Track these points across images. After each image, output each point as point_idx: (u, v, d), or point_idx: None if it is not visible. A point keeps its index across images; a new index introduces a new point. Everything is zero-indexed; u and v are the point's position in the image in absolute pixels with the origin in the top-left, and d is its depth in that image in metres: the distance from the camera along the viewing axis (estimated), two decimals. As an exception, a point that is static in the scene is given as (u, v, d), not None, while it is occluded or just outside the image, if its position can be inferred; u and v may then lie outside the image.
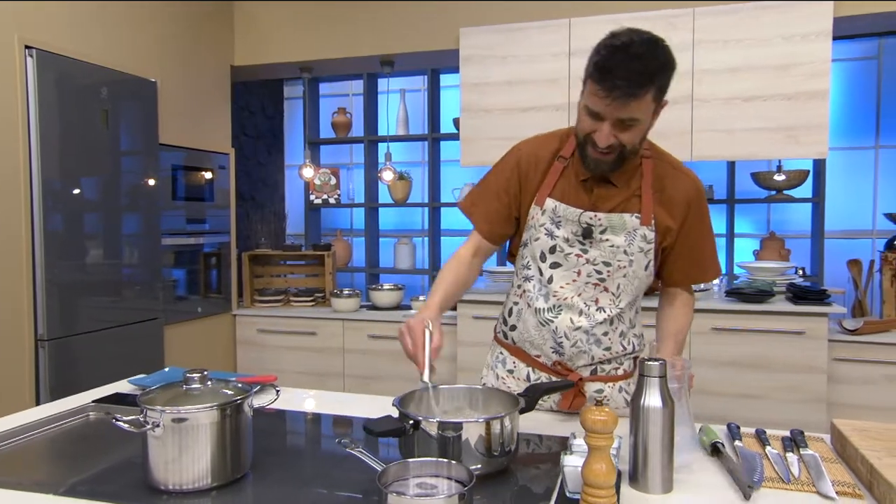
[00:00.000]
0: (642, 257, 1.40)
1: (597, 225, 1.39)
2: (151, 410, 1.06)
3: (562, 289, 1.42)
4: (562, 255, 1.42)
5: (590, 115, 1.27)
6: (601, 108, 1.24)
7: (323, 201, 4.79)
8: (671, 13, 3.01)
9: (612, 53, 1.21)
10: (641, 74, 1.20)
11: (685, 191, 1.41)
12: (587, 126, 1.29)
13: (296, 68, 3.91)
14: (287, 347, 3.74)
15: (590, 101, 1.26)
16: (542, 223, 1.42)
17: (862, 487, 1.09)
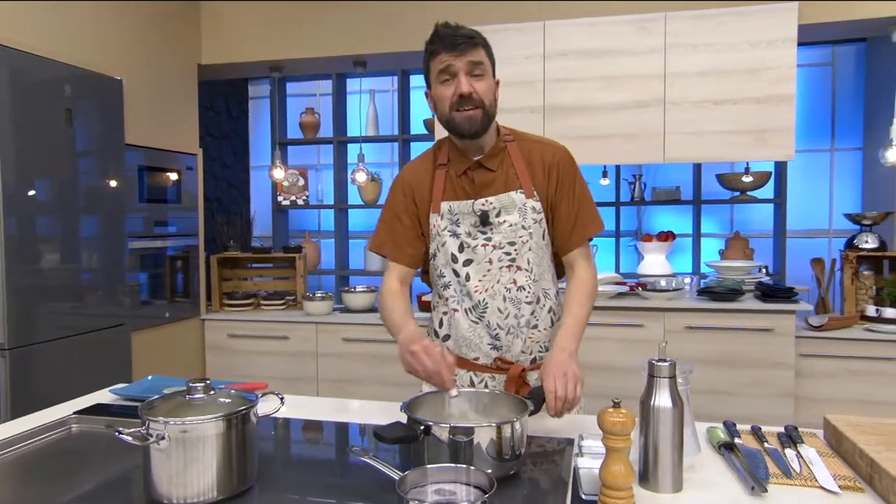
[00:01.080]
0: (538, 228, 1.50)
1: (490, 209, 1.48)
2: (155, 422, 1.02)
3: (480, 282, 1.49)
4: (470, 251, 1.49)
5: (445, 80, 1.43)
6: (452, 62, 1.40)
7: (291, 203, 4.72)
8: (644, 17, 3.07)
9: (435, 32, 1.44)
10: (469, 30, 1.44)
11: (551, 156, 1.52)
12: (448, 93, 1.43)
13: (265, 67, 3.84)
14: (258, 352, 3.66)
15: (439, 66, 1.42)
16: (444, 227, 1.51)
17: (861, 481, 1.13)
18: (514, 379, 1.48)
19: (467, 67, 1.41)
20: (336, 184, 4.56)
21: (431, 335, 1.62)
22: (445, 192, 1.52)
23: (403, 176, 1.59)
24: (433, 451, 1.13)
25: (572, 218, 1.51)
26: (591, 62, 3.13)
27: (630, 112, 3.09)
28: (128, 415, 1.51)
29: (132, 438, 1.00)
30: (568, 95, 3.17)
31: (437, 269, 1.55)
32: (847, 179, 4.16)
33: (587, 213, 1.53)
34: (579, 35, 3.14)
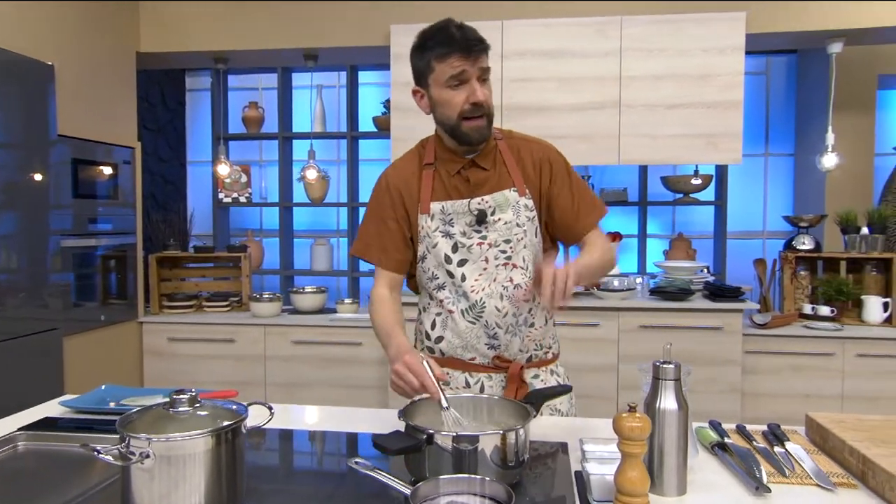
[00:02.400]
0: (531, 225, 1.49)
1: (487, 208, 1.46)
2: (137, 439, 0.92)
3: (476, 282, 1.46)
4: (465, 250, 1.47)
5: (456, 86, 1.38)
6: (467, 67, 1.36)
7: (233, 200, 4.53)
8: (601, 20, 3.10)
9: (444, 30, 1.38)
10: (479, 35, 1.39)
11: (540, 153, 1.51)
12: (458, 99, 1.38)
13: (209, 58, 3.66)
14: (202, 356, 3.49)
15: (450, 71, 1.36)
16: (435, 227, 1.48)
17: (853, 478, 1.15)
18: (514, 377, 1.46)
19: (480, 73, 1.38)
20: (281, 181, 4.41)
21: (422, 338, 1.57)
22: (435, 192, 1.48)
23: (388, 178, 1.54)
24: (434, 459, 1.08)
25: (574, 208, 1.50)
26: (549, 63, 3.15)
27: (586, 113, 3.12)
28: (82, 429, 1.39)
29: (113, 458, 0.90)
30: (525, 95, 3.17)
31: (427, 271, 1.51)
32: (780, 183, 4.36)
33: (588, 201, 1.52)
34: (536, 36, 3.15)
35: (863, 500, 1.08)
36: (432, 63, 1.39)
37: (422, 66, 1.43)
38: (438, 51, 1.38)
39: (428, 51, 1.40)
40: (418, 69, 1.45)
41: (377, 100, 4.42)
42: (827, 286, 3.27)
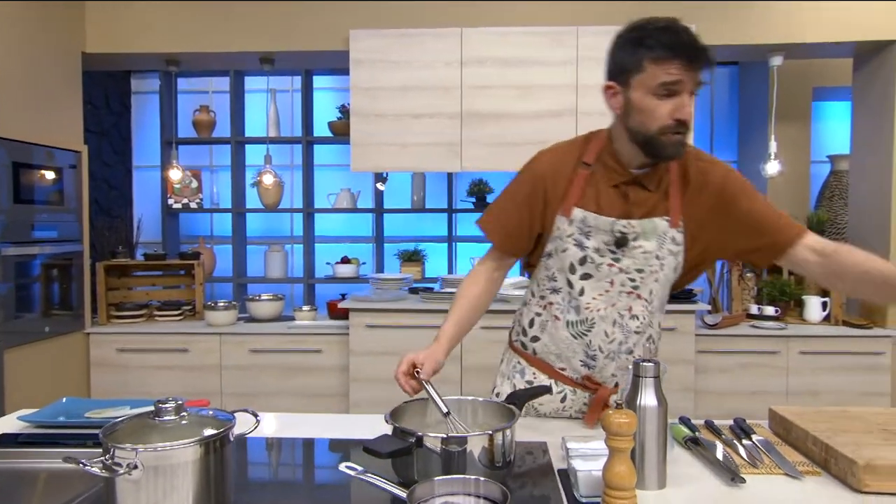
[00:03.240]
0: (672, 259, 1.38)
1: (631, 233, 1.35)
2: (122, 450, 0.90)
3: (594, 300, 1.38)
4: (593, 266, 1.37)
5: (665, 95, 1.23)
6: (684, 78, 1.22)
7: (183, 206, 4.41)
8: (557, 30, 3.18)
9: (670, 31, 1.22)
10: (704, 44, 1.23)
11: (715, 174, 1.37)
12: (664, 111, 1.24)
13: (160, 60, 3.56)
14: (154, 367, 3.37)
15: (664, 77, 1.21)
16: (570, 234, 1.37)
17: (816, 466, 1.22)
18: (600, 401, 1.40)
19: (694, 87, 1.24)
20: (234, 186, 4.32)
21: (518, 329, 1.53)
22: (584, 197, 1.36)
23: (539, 166, 1.41)
24: (423, 462, 1.08)
25: (772, 217, 1.34)
26: (507, 71, 3.20)
27: (544, 121, 3.19)
28: (45, 444, 1.33)
29: (99, 470, 0.87)
30: (485, 102, 3.21)
31: (549, 269, 1.42)
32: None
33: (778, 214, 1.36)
34: (495, 44, 3.20)
35: (827, 486, 1.14)
36: (645, 63, 1.23)
37: (629, 63, 1.25)
38: (658, 52, 1.21)
39: (643, 48, 1.23)
40: (622, 64, 1.27)
41: (331, 105, 4.39)
42: (771, 287, 3.42)
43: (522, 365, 1.51)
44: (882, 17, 3.17)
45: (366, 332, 3.24)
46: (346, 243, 4.60)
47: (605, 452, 1.12)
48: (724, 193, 1.35)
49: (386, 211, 4.28)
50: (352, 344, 3.25)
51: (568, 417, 1.50)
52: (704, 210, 1.36)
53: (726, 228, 1.37)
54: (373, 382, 3.24)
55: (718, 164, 1.39)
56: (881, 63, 3.28)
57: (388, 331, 3.24)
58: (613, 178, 1.36)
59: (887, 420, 1.34)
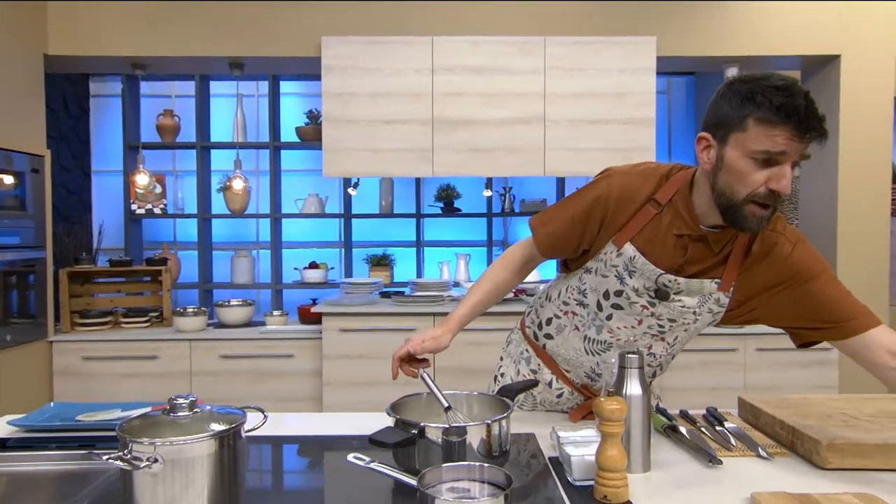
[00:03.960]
0: (709, 317, 1.34)
1: (674, 289, 1.29)
2: (140, 444, 0.92)
3: (618, 329, 1.37)
4: (626, 302, 1.33)
5: (763, 163, 1.12)
6: (786, 147, 1.10)
7: (147, 211, 4.34)
8: (525, 40, 3.27)
9: (785, 92, 1.09)
10: (822, 115, 1.11)
11: (779, 251, 1.27)
12: (758, 178, 1.13)
13: (127, 63, 3.51)
14: (121, 374, 3.32)
15: (768, 144, 1.10)
16: (615, 265, 1.32)
17: (783, 447, 1.32)
18: (591, 405, 1.32)
19: (798, 159, 1.12)
20: (200, 192, 4.28)
21: (534, 317, 1.53)
22: (640, 235, 1.29)
23: (608, 189, 1.31)
24: (424, 452, 1.14)
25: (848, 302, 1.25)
26: (477, 79, 3.28)
27: (513, 127, 3.28)
28: (36, 447, 1.33)
29: (122, 463, 0.90)
30: (455, 109, 3.28)
31: (583, 283, 1.39)
32: (681, 195, 4.73)
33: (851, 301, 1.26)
34: (465, 52, 3.28)
35: (794, 465, 1.24)
36: (749, 122, 1.11)
37: (731, 117, 1.14)
38: (767, 114, 1.09)
39: (751, 104, 1.11)
40: (724, 117, 1.15)
41: (297, 110, 4.41)
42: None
43: (530, 353, 1.54)
44: (826, 34, 3.37)
45: (339, 336, 3.27)
46: (313, 248, 4.60)
47: (594, 439, 1.20)
48: (789, 270, 1.27)
49: (354, 216, 4.31)
50: (325, 348, 3.27)
51: (560, 412, 1.57)
52: (762, 281, 1.29)
53: (784, 303, 1.29)
54: (346, 386, 3.27)
55: (789, 236, 1.29)
56: (826, 76, 3.49)
57: (361, 334, 3.27)
58: (680, 227, 1.27)
59: (843, 405, 1.45)
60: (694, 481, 1.17)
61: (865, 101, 3.38)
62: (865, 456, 1.20)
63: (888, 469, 1.19)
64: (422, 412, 1.29)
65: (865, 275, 3.41)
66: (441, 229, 4.50)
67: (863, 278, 3.41)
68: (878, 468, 1.20)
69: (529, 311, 1.58)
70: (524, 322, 1.59)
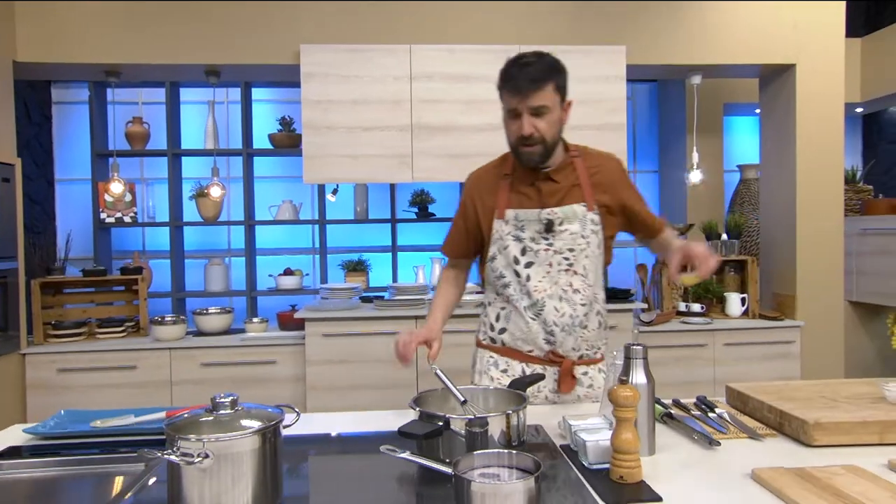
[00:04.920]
0: (595, 238, 1.66)
1: (555, 218, 1.63)
2: (188, 441, 0.96)
3: (540, 283, 1.64)
4: (533, 254, 1.64)
5: (511, 117, 1.57)
6: (515, 104, 1.55)
7: (117, 220, 4.27)
8: (501, 48, 3.37)
9: (511, 65, 1.57)
10: (536, 72, 1.54)
11: (613, 171, 1.71)
12: (513, 128, 1.58)
13: (99, 71, 3.47)
14: (98, 386, 3.27)
15: (506, 104, 1.57)
16: (508, 231, 1.66)
17: (771, 429, 1.42)
18: (567, 372, 1.66)
19: (529, 111, 1.53)
20: (171, 200, 4.24)
21: (486, 329, 1.77)
22: (510, 200, 1.66)
23: (470, 181, 1.76)
24: (447, 443, 1.20)
25: (647, 211, 1.75)
26: (455, 86, 3.36)
27: (491, 133, 3.36)
28: (52, 454, 1.34)
29: (177, 458, 0.93)
30: (434, 116, 3.35)
31: (496, 270, 1.69)
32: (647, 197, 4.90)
33: (648, 206, 1.78)
34: (442, 60, 3.35)
35: (784, 444, 1.35)
36: (502, 92, 1.58)
37: (499, 91, 1.59)
38: (500, 84, 1.57)
39: (500, 80, 1.58)
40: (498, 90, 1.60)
41: (268, 116, 4.41)
42: (696, 286, 3.74)
43: (495, 357, 1.73)
44: (782, 45, 3.57)
45: (322, 342, 3.29)
46: (287, 255, 4.60)
47: (602, 426, 1.28)
48: (622, 182, 1.72)
49: (329, 222, 4.33)
50: (308, 353, 3.29)
51: (544, 399, 1.69)
52: (608, 196, 1.68)
53: (624, 214, 1.72)
54: (330, 390, 3.29)
55: (615, 159, 1.74)
56: (783, 84, 3.69)
57: (344, 339, 3.30)
58: (528, 177, 1.66)
59: (821, 390, 1.57)
60: (697, 461, 1.26)
61: (819, 108, 3.58)
62: (847, 433, 1.31)
63: (867, 444, 1.31)
64: (439, 407, 1.35)
65: (822, 271, 3.61)
66: (415, 234, 4.55)
67: (820, 275, 3.61)
68: (859, 443, 1.31)
69: (479, 327, 1.82)
70: (478, 339, 1.81)
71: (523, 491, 0.98)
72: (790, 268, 3.65)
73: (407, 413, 1.35)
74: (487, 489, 0.99)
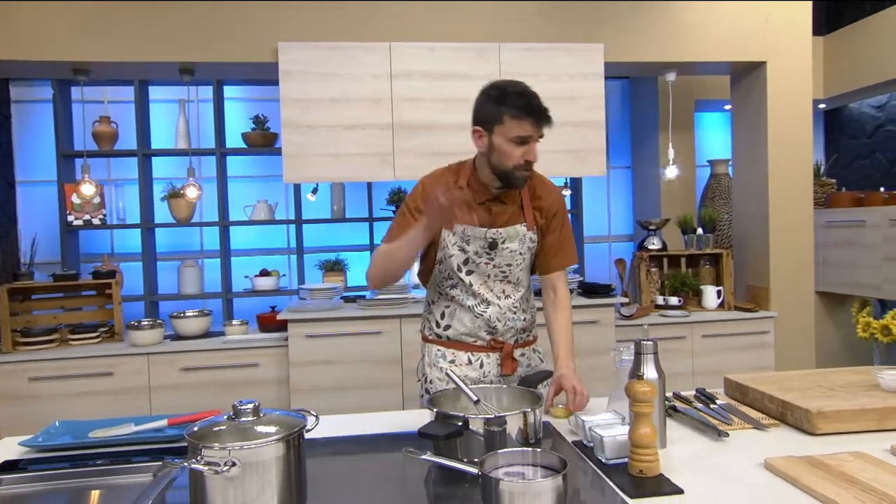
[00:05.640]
0: (529, 254, 1.80)
1: (499, 238, 1.73)
2: (211, 449, 0.94)
3: (480, 287, 1.77)
4: (474, 265, 1.75)
5: (519, 143, 1.63)
6: (532, 133, 1.64)
7: (85, 222, 4.14)
8: (480, 46, 3.37)
9: (524, 96, 1.64)
10: (544, 104, 1.67)
11: (553, 199, 1.82)
12: (518, 154, 1.64)
13: (67, 69, 3.36)
14: (73, 394, 3.17)
15: (519, 131, 1.62)
16: (454, 242, 1.74)
17: (773, 419, 1.46)
18: (507, 355, 1.79)
19: (539, 138, 1.67)
20: (142, 201, 4.13)
21: (431, 325, 1.85)
22: None
23: (424, 186, 1.77)
24: (465, 443, 1.19)
25: (556, 247, 1.81)
26: (435, 84, 3.34)
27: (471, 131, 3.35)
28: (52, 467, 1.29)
29: (207, 468, 0.91)
30: (415, 114, 3.33)
31: (443, 272, 1.79)
32: (620, 193, 4.97)
33: (570, 247, 1.85)
34: (422, 58, 3.33)
35: (788, 433, 1.39)
36: (505, 118, 1.61)
37: (492, 115, 1.63)
38: (516, 112, 1.61)
39: (505, 106, 1.61)
40: (487, 114, 1.64)
41: (239, 115, 4.34)
42: (673, 280, 3.82)
43: (442, 350, 1.84)
44: (753, 43, 3.65)
45: (305, 343, 3.25)
46: (262, 255, 4.53)
47: (615, 421, 1.29)
48: (555, 215, 1.81)
49: (306, 221, 4.27)
50: (291, 355, 3.25)
51: (489, 382, 1.77)
52: (543, 219, 1.80)
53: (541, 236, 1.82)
54: (314, 392, 3.25)
55: (556, 191, 1.85)
56: (754, 80, 3.78)
57: (327, 340, 3.26)
58: (479, 196, 1.72)
59: (817, 379, 1.62)
60: (709, 453, 1.28)
61: (789, 104, 3.68)
62: (848, 420, 1.35)
63: (867, 431, 1.35)
64: (451, 406, 1.34)
65: (794, 264, 3.71)
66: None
67: (792, 267, 3.71)
68: (859, 430, 1.35)
69: (423, 324, 1.90)
70: (424, 335, 1.90)
71: (552, 489, 0.98)
72: (763, 260, 3.75)
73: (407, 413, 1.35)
74: (517, 488, 0.99)
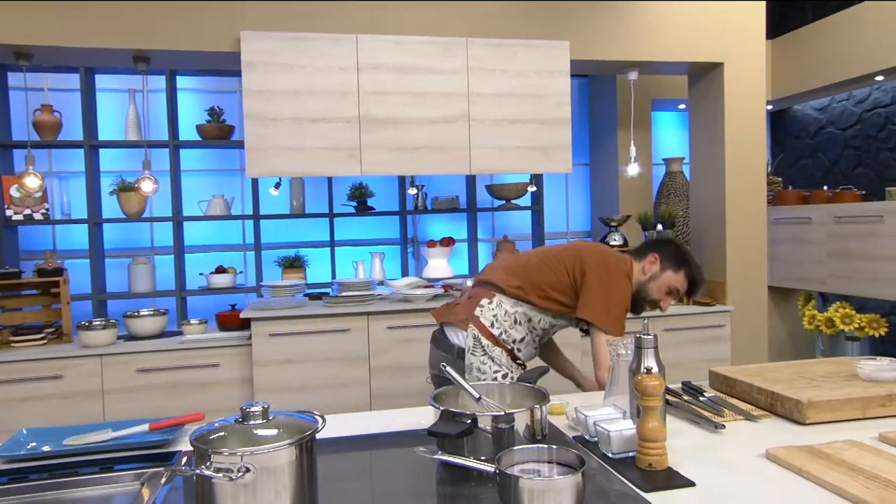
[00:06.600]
0: None
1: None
2: (222, 454, 0.88)
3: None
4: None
5: (668, 292, 2.04)
6: (679, 298, 2.08)
7: (26, 217, 3.91)
8: (448, 40, 3.34)
9: (699, 275, 2.06)
10: None
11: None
12: (660, 296, 2.04)
13: (8, 53, 3.14)
14: (19, 399, 2.98)
15: (679, 287, 2.04)
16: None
17: (762, 410, 1.49)
18: None
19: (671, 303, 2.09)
20: (89, 195, 3.92)
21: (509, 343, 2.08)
22: None
23: None
24: (472, 440, 1.17)
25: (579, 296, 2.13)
26: (402, 78, 3.29)
27: (438, 126, 3.33)
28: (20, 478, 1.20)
29: (215, 473, 0.85)
30: (382, 108, 3.27)
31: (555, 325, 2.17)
32: (580, 190, 5.04)
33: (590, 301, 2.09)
34: (389, 51, 3.28)
35: (778, 423, 1.42)
36: (681, 274, 2.01)
37: (674, 264, 2.01)
38: (692, 279, 2.04)
39: (689, 269, 2.03)
40: (670, 260, 2.01)
41: (193, 107, 4.19)
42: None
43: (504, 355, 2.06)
44: (710, 43, 3.75)
45: (269, 341, 3.16)
46: (216, 252, 4.38)
47: (617, 415, 1.29)
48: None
49: (265, 217, 4.15)
50: (255, 354, 3.15)
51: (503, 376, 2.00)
52: None
53: None
54: (279, 392, 3.17)
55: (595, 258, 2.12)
56: (711, 80, 3.88)
57: (292, 338, 3.18)
58: None
59: (798, 370, 1.67)
60: (709, 445, 1.30)
61: (744, 104, 3.80)
62: (836, 410, 1.39)
63: (852, 419, 1.40)
64: (454, 404, 1.31)
65: (749, 259, 3.84)
66: (352, 228, 4.46)
67: (747, 262, 3.84)
68: (845, 419, 1.40)
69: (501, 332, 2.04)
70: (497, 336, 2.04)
71: (573, 486, 0.97)
72: (720, 256, 3.86)
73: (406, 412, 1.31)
74: (536, 485, 0.97)
